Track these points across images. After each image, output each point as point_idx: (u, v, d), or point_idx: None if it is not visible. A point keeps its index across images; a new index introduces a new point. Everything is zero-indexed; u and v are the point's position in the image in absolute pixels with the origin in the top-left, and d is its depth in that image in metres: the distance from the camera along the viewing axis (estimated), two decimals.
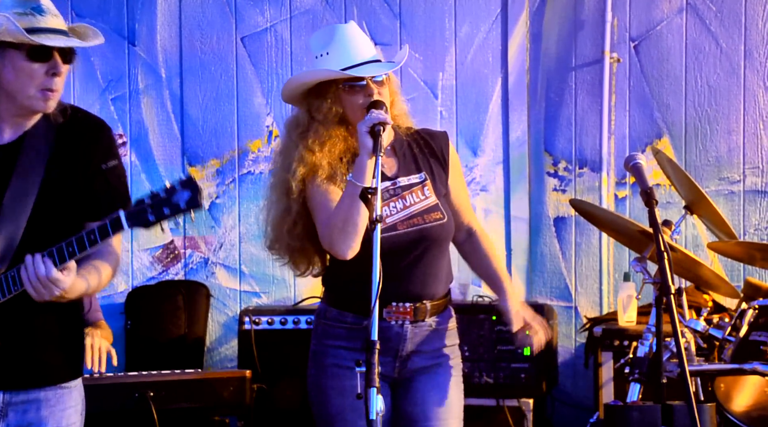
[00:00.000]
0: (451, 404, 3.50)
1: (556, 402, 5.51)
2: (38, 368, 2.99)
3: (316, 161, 3.41)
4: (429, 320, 3.49)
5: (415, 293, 3.45)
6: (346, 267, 3.44)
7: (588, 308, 5.61)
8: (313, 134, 3.44)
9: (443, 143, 3.60)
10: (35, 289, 2.82)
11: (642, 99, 5.60)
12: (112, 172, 2.99)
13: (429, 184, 3.52)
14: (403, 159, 3.53)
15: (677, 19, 5.56)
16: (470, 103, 5.74)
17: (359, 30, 3.51)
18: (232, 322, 5.76)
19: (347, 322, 3.45)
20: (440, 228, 3.48)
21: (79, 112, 3.06)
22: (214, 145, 5.88)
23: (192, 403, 4.47)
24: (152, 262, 5.91)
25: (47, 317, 2.98)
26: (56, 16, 2.94)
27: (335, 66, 3.41)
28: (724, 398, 4.38)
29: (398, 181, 3.49)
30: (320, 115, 3.44)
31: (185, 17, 5.89)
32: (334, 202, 3.37)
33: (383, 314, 3.42)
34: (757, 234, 5.49)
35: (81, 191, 2.96)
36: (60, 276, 2.81)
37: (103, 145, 3.02)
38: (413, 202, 3.48)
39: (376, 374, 2.94)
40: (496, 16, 5.71)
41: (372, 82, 3.41)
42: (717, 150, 5.53)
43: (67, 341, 3.05)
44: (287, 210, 3.46)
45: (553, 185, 5.69)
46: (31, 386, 2.98)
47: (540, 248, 5.69)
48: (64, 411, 3.02)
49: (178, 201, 2.79)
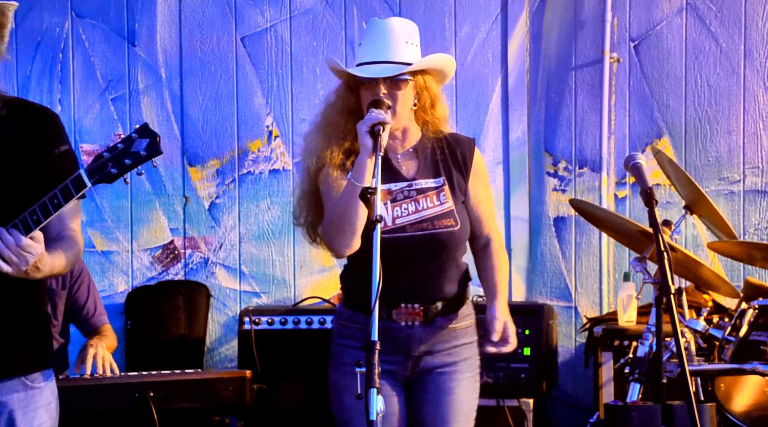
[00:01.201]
0: (461, 404, 3.49)
1: (556, 402, 5.51)
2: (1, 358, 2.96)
3: (334, 147, 3.46)
4: (441, 320, 3.49)
5: (424, 295, 3.46)
6: (357, 268, 3.47)
7: (588, 308, 5.61)
8: (332, 124, 3.49)
9: (468, 150, 3.58)
10: (8, 261, 2.81)
11: (642, 99, 5.60)
12: (65, 156, 2.96)
13: (446, 190, 3.51)
14: (424, 162, 3.53)
15: (677, 19, 5.56)
16: (470, 103, 5.74)
17: (397, 28, 3.49)
18: (232, 322, 5.76)
19: (359, 322, 3.46)
20: (450, 234, 3.47)
21: (27, 103, 3.05)
22: (214, 146, 5.88)
23: (192, 403, 4.46)
24: (152, 262, 5.90)
25: (8, 308, 2.96)
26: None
27: (360, 58, 3.46)
28: (724, 398, 4.38)
29: (414, 183, 3.49)
30: (342, 102, 3.50)
31: (185, 17, 5.89)
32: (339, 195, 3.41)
33: (393, 316, 3.44)
34: (757, 234, 5.48)
35: (35, 177, 2.94)
36: (30, 242, 2.80)
37: (53, 132, 3.00)
38: (426, 206, 3.47)
39: (376, 375, 2.94)
40: (496, 16, 5.71)
41: (384, 81, 3.42)
42: (717, 150, 5.53)
43: (30, 332, 3.01)
44: (308, 188, 3.52)
45: (553, 185, 5.69)
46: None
47: (540, 248, 5.69)
48: (36, 411, 3.00)
49: (138, 149, 2.78)
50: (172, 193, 5.88)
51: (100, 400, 4.34)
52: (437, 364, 3.50)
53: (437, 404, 3.47)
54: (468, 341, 3.56)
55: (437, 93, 3.55)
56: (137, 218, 5.90)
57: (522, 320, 5.09)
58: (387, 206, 3.44)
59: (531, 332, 5.12)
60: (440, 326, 3.49)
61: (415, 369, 3.49)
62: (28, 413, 2.99)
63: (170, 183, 5.88)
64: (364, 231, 3.38)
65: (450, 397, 3.48)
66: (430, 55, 3.54)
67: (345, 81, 3.52)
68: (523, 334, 5.10)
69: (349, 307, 3.52)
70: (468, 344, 3.55)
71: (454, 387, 3.49)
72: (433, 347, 3.49)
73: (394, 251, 3.21)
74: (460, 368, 3.52)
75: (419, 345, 3.47)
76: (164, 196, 5.88)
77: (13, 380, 2.99)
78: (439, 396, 3.48)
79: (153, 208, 5.89)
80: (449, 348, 3.51)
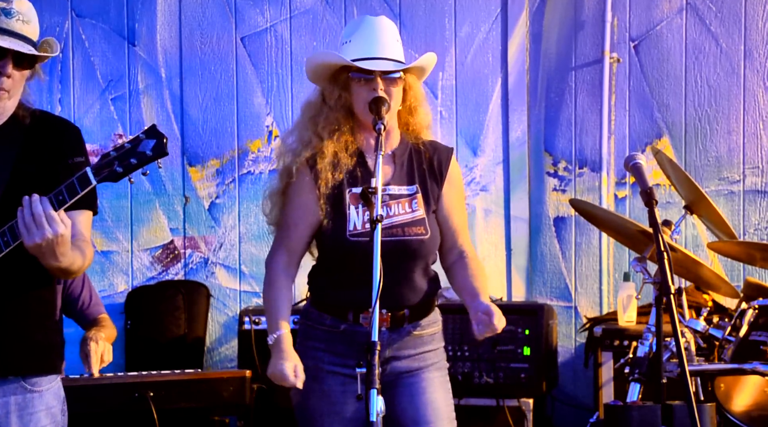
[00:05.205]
0: (439, 405, 3.45)
1: (556, 402, 5.51)
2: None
3: (322, 147, 3.41)
4: (408, 326, 3.45)
5: (392, 301, 3.37)
6: (325, 272, 3.46)
7: (588, 308, 5.61)
8: (323, 120, 3.44)
9: (444, 158, 3.53)
10: (27, 228, 2.81)
11: (642, 99, 5.60)
12: (78, 166, 2.96)
13: (419, 198, 3.46)
14: (400, 168, 3.48)
15: (677, 19, 5.56)
16: (470, 103, 5.74)
17: (388, 26, 3.48)
18: (232, 322, 5.76)
19: (326, 324, 3.44)
20: (420, 243, 3.42)
21: (50, 115, 3.11)
22: (214, 146, 5.88)
23: (192, 403, 4.46)
24: (152, 262, 5.91)
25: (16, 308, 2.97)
26: (25, 23, 2.98)
27: (351, 55, 3.40)
28: (724, 398, 4.38)
29: (388, 189, 3.43)
30: (331, 100, 3.44)
31: (185, 17, 5.89)
32: (294, 222, 3.42)
33: (360, 320, 3.39)
34: (757, 234, 5.49)
35: (49, 183, 2.94)
36: (56, 216, 2.81)
37: (71, 143, 3.04)
38: (398, 213, 3.43)
39: (376, 376, 2.93)
40: (496, 16, 5.71)
41: (381, 78, 3.39)
42: (717, 150, 5.53)
43: (34, 334, 3.02)
44: (282, 189, 3.47)
45: (553, 185, 5.69)
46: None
47: (540, 248, 5.69)
48: (34, 414, 3.00)
49: (144, 150, 2.82)
50: (172, 193, 5.88)
51: (99, 400, 4.33)
52: (404, 369, 3.45)
53: (414, 406, 3.42)
54: (434, 347, 3.51)
55: (422, 95, 3.53)
56: (137, 218, 5.90)
57: (522, 320, 5.10)
58: (359, 210, 3.40)
59: (531, 332, 5.12)
60: (407, 332, 3.45)
61: (383, 374, 3.41)
62: (24, 417, 2.99)
63: (170, 183, 5.88)
64: (334, 234, 3.37)
65: (424, 396, 3.43)
66: (424, 55, 3.51)
67: (333, 78, 3.45)
68: (523, 334, 5.11)
69: (317, 307, 3.47)
70: (434, 350, 3.51)
71: (426, 387, 3.45)
72: (399, 352, 3.44)
73: (363, 256, 3.17)
74: (429, 369, 3.47)
75: (386, 350, 3.41)
76: (164, 196, 5.88)
77: (11, 382, 2.99)
78: (414, 398, 3.43)
79: (153, 208, 5.89)
80: (415, 354, 3.47)
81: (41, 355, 3.04)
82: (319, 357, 3.42)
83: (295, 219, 3.44)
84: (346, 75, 3.42)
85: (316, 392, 3.41)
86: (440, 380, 3.50)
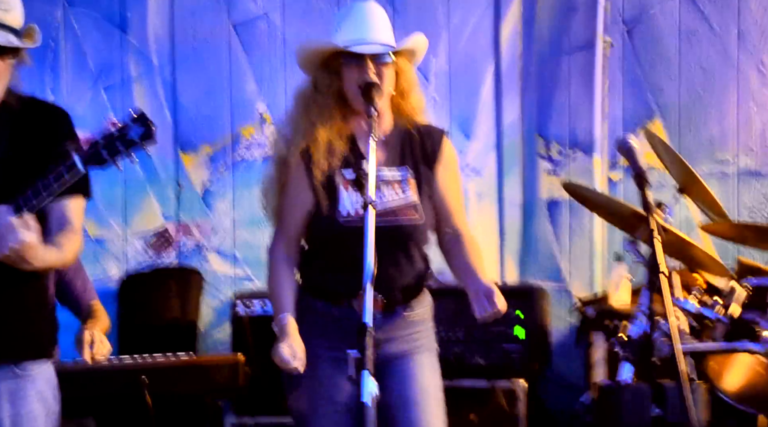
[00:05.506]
0: (428, 387, 3.45)
1: (549, 383, 5.51)
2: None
3: (316, 135, 3.41)
4: (400, 309, 3.46)
5: (384, 285, 3.33)
6: (317, 257, 3.47)
7: (581, 290, 5.61)
8: (316, 108, 3.44)
9: (437, 140, 3.51)
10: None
11: (635, 82, 5.60)
12: (67, 154, 2.95)
13: (411, 181, 3.45)
14: (392, 152, 3.47)
15: (670, 2, 5.56)
16: (463, 88, 5.74)
17: (377, 10, 3.47)
18: (226, 307, 5.75)
19: (317, 310, 3.45)
20: (413, 228, 3.42)
21: (40, 101, 3.10)
22: (207, 132, 5.87)
23: (185, 387, 4.47)
24: (145, 248, 5.90)
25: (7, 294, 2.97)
26: (6, 11, 2.97)
27: (342, 41, 3.40)
28: (716, 377, 4.38)
29: (380, 174, 3.41)
30: (323, 88, 3.44)
31: (177, 4, 5.88)
32: (290, 210, 3.43)
33: (353, 304, 3.37)
34: (750, 215, 5.48)
35: (40, 169, 2.93)
36: (16, 222, 2.77)
37: (61, 130, 3.04)
38: (390, 197, 3.43)
39: (369, 358, 2.92)
40: (488, 1, 5.70)
41: (372, 61, 3.38)
42: (710, 132, 5.53)
43: (26, 320, 3.02)
44: (278, 179, 3.48)
45: (546, 169, 5.69)
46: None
47: (533, 231, 5.69)
48: (24, 399, 3.01)
49: (132, 136, 2.82)
50: (165, 179, 5.88)
51: (93, 384, 4.34)
52: (394, 351, 3.45)
53: (403, 388, 3.43)
54: (424, 327, 3.52)
55: (413, 78, 3.52)
56: (130, 205, 5.89)
57: (515, 302, 5.08)
58: (351, 195, 3.40)
59: (524, 313, 5.13)
60: (399, 314, 3.46)
61: (375, 357, 3.43)
62: (16, 402, 3.00)
63: (163, 170, 5.87)
64: (327, 218, 3.38)
65: (414, 379, 3.44)
66: (412, 36, 3.50)
67: (324, 66, 3.45)
68: (515, 316, 5.11)
69: (309, 293, 3.48)
70: (424, 331, 3.52)
71: (415, 369, 3.45)
72: (390, 334, 3.44)
73: (355, 240, 3.17)
74: (419, 351, 3.48)
75: (378, 333, 3.40)
76: (157, 183, 5.88)
77: (2, 368, 2.99)
78: (404, 380, 3.43)
79: (146, 195, 5.89)
80: (406, 335, 3.47)
81: (32, 341, 3.05)
82: (311, 343, 3.41)
83: (292, 208, 3.45)
84: (337, 61, 3.42)
85: (308, 377, 3.40)
86: (429, 361, 3.50)
